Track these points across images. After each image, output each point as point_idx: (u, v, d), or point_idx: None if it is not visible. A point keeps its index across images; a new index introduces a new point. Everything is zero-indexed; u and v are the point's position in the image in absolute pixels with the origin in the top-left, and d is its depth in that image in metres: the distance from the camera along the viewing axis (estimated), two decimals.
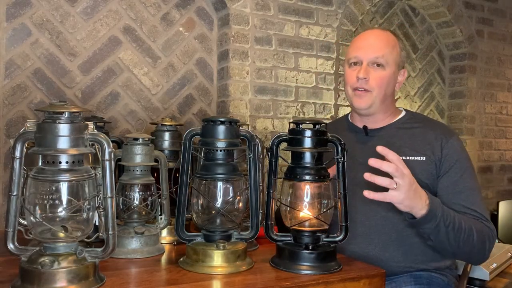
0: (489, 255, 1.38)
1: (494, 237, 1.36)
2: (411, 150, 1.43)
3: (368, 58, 1.46)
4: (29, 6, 1.93)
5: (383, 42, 1.48)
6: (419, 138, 1.46)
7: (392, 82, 1.49)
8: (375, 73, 1.45)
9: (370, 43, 1.49)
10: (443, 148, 1.42)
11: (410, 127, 1.50)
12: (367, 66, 1.45)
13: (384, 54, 1.45)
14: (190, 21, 2.28)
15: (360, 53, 1.47)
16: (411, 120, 1.54)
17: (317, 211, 1.17)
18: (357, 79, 1.46)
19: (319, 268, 1.11)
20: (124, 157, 1.27)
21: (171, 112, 2.23)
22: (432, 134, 1.45)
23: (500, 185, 3.34)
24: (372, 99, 1.46)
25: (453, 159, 1.41)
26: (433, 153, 1.42)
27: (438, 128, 1.50)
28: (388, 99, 1.50)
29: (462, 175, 1.40)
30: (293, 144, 1.17)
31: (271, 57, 2.35)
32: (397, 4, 2.99)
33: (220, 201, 1.15)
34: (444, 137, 1.44)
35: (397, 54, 1.49)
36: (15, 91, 1.91)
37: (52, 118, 0.93)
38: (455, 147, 1.43)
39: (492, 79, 3.29)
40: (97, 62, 2.07)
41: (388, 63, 1.46)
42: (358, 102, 1.48)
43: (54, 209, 0.94)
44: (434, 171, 1.41)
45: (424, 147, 1.43)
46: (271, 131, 2.35)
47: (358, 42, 1.53)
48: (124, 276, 1.06)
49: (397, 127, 1.51)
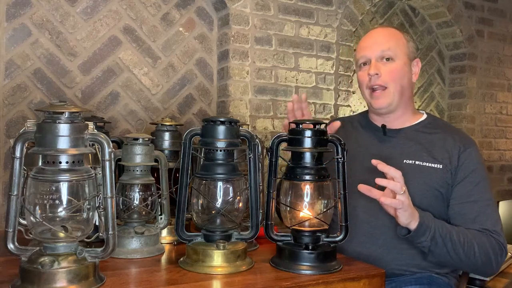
0: (498, 268, 1.37)
1: (502, 250, 1.33)
2: (429, 156, 1.41)
3: (375, 54, 1.45)
4: (29, 6, 1.93)
5: (387, 36, 1.48)
6: (438, 144, 1.44)
7: (406, 74, 1.47)
8: (386, 67, 1.44)
9: (374, 40, 1.49)
10: (460, 157, 1.40)
11: (429, 132, 1.48)
12: (376, 62, 1.45)
13: (390, 47, 1.44)
14: (190, 21, 2.28)
15: (366, 52, 1.47)
16: (432, 125, 1.51)
17: (317, 211, 1.17)
18: (369, 78, 1.45)
19: (319, 268, 1.11)
20: (124, 157, 1.27)
21: (171, 112, 2.23)
22: (451, 142, 1.43)
23: (500, 185, 3.34)
24: (391, 96, 1.45)
25: (469, 168, 1.39)
26: (450, 161, 1.40)
27: (457, 135, 1.47)
28: (406, 93, 1.48)
29: (476, 185, 1.38)
30: (293, 144, 1.17)
31: (271, 57, 2.35)
32: (397, 4, 2.99)
33: (220, 201, 1.15)
34: (463, 146, 1.42)
35: (404, 45, 1.48)
36: (15, 91, 1.91)
37: (52, 118, 0.93)
38: (472, 156, 1.41)
39: (492, 79, 3.29)
40: (97, 62, 2.07)
41: (397, 55, 1.45)
42: (377, 103, 1.46)
43: (54, 209, 0.94)
44: (450, 180, 1.39)
45: (443, 155, 1.41)
46: (271, 131, 2.35)
47: (363, 43, 1.52)
48: (124, 276, 1.06)
49: (417, 130, 1.49)
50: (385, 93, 1.45)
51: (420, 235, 1.25)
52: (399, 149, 1.46)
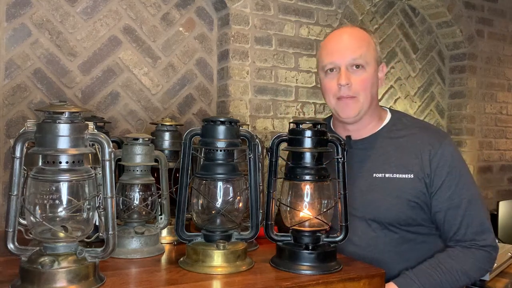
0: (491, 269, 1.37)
1: (492, 253, 1.32)
2: (398, 165, 1.34)
3: (345, 62, 1.33)
4: (29, 6, 1.93)
5: (358, 41, 1.36)
6: (406, 149, 1.35)
7: (375, 81, 1.38)
8: (357, 77, 1.33)
9: (344, 45, 1.36)
10: (432, 161, 1.32)
11: (396, 136, 1.39)
12: (346, 70, 1.33)
13: (361, 54, 1.33)
14: (190, 21, 2.28)
15: (335, 58, 1.35)
16: (397, 126, 1.42)
17: (317, 211, 1.17)
18: (339, 87, 1.34)
19: (319, 268, 1.11)
20: (124, 157, 1.27)
21: (171, 112, 2.23)
22: (419, 144, 1.34)
23: (500, 185, 3.34)
24: (360, 105, 1.35)
25: (444, 171, 1.31)
26: (421, 169, 1.32)
27: (425, 134, 1.37)
28: (374, 101, 1.39)
29: (456, 186, 1.31)
30: (293, 144, 1.17)
31: (271, 57, 2.35)
32: (397, 4, 3.00)
33: (220, 201, 1.15)
34: (432, 147, 1.33)
35: (374, 49, 1.37)
36: (15, 91, 1.91)
37: (52, 118, 0.93)
38: (445, 156, 1.32)
39: (492, 79, 3.29)
40: (97, 62, 2.07)
41: (368, 62, 1.34)
42: (345, 112, 1.36)
43: (54, 209, 0.94)
44: (425, 189, 1.32)
45: (412, 161, 1.33)
46: (271, 131, 2.35)
47: (330, 46, 1.39)
48: (124, 276, 1.06)
49: (383, 136, 1.40)
50: (353, 101, 1.35)
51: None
52: (368, 163, 1.38)
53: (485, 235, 1.32)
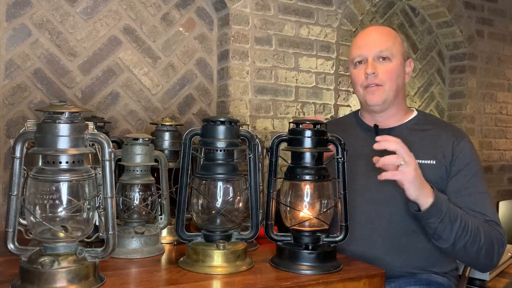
0: (498, 261, 1.34)
1: (504, 242, 1.33)
2: (422, 153, 1.40)
3: (372, 53, 1.44)
4: (29, 6, 1.93)
5: (384, 35, 1.48)
6: (431, 140, 1.44)
7: (401, 73, 1.47)
8: (383, 67, 1.44)
9: (372, 39, 1.48)
10: (454, 151, 1.40)
11: (421, 129, 1.48)
12: (373, 61, 1.44)
13: (387, 47, 1.44)
14: (190, 21, 2.28)
15: (363, 51, 1.46)
16: (423, 121, 1.51)
17: (317, 211, 1.17)
18: (365, 76, 1.44)
19: (319, 268, 1.11)
20: (124, 157, 1.28)
21: (171, 112, 2.23)
22: (444, 137, 1.44)
23: (500, 185, 3.34)
24: (386, 93, 1.44)
25: (463, 161, 1.39)
26: (444, 156, 1.40)
27: (449, 130, 1.48)
28: (400, 93, 1.48)
29: (471, 178, 1.38)
30: (293, 144, 1.17)
31: (271, 57, 2.35)
32: (397, 4, 3.00)
33: (220, 201, 1.15)
34: (456, 139, 1.42)
35: (400, 44, 1.48)
36: (15, 91, 1.91)
37: (52, 118, 0.93)
38: (466, 149, 1.41)
39: (492, 79, 3.29)
40: (97, 62, 2.07)
41: (394, 55, 1.45)
42: (372, 99, 1.45)
43: (54, 209, 0.94)
44: (444, 175, 1.39)
45: (435, 150, 1.41)
46: (271, 131, 2.35)
47: (359, 41, 1.51)
48: (124, 276, 1.06)
49: (409, 128, 1.49)
50: (380, 89, 1.44)
51: (431, 216, 1.25)
52: None
53: (498, 225, 1.35)
